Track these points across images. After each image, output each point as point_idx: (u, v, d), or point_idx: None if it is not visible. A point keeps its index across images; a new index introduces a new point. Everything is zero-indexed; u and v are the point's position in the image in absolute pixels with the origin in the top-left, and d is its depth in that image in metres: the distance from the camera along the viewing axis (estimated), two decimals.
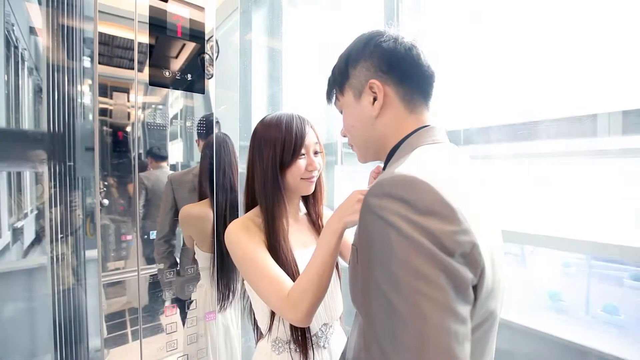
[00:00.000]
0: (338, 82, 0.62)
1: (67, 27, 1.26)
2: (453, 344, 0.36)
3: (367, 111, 0.57)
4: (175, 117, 1.05)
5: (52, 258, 1.28)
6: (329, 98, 0.67)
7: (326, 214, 0.98)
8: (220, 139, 1.12)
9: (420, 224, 0.38)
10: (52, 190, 1.38)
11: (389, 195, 0.41)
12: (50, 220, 1.29)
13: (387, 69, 0.55)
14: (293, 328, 0.79)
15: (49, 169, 1.33)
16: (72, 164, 1.51)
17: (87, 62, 1.41)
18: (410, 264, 0.38)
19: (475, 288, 0.41)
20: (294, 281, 0.73)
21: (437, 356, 0.36)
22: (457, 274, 0.38)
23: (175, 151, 1.07)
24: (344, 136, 0.67)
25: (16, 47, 2.21)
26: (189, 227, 1.08)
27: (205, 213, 1.10)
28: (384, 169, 0.62)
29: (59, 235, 1.40)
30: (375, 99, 0.56)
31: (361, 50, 0.58)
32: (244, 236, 0.78)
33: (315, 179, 0.86)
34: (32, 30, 2.61)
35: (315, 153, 0.85)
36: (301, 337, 0.79)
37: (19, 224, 1.77)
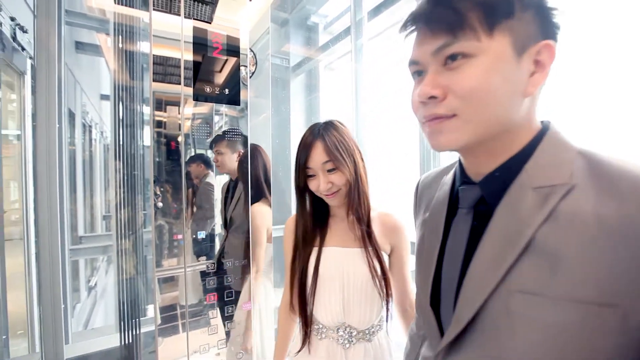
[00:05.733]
0: (490, 11, 0.39)
1: (129, 52, 1.45)
2: None
3: (521, 81, 0.40)
4: (219, 126, 1.14)
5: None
6: (450, 25, 0.40)
7: (375, 215, 0.90)
8: (251, 149, 1.21)
9: None
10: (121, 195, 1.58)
11: None
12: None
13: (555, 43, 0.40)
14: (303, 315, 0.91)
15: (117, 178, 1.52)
16: (137, 172, 1.71)
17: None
18: None
19: None
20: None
21: None
22: None
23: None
24: (432, 97, 0.41)
25: (90, 126, 2.98)
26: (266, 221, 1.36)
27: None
28: (498, 175, 0.43)
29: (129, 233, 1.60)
30: (534, 72, 0.40)
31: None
32: (288, 239, 0.97)
33: (335, 195, 0.84)
34: (102, 97, 3.31)
35: (330, 170, 0.82)
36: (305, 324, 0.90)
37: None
